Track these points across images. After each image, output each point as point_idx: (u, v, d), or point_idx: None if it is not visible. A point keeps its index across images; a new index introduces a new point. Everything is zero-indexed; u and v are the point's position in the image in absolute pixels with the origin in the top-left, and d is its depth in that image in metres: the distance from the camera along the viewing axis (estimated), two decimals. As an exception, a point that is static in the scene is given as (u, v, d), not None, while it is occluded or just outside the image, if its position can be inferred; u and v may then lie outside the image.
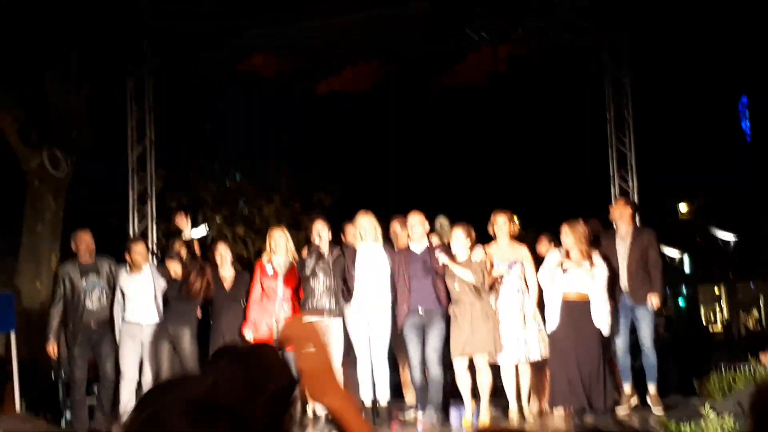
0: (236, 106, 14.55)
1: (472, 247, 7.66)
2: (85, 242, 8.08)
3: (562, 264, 7.50)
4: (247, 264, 11.86)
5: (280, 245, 7.94)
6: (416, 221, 7.87)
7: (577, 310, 7.41)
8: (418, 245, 7.85)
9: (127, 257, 8.05)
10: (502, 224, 7.85)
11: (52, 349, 7.95)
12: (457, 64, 10.99)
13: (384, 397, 7.79)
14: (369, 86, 11.13)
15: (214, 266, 8.08)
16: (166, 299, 7.98)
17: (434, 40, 11.08)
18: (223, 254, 8.19)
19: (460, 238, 7.63)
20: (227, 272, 8.15)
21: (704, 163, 17.64)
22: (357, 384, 7.70)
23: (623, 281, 8.02)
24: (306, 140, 16.54)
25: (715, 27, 15.70)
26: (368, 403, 7.72)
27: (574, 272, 7.47)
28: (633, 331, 8.16)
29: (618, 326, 7.92)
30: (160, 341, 7.84)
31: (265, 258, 8.05)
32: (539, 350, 7.67)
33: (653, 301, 7.94)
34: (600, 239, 8.14)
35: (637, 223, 8.92)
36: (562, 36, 11.15)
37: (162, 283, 7.97)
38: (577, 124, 17.25)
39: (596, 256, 7.61)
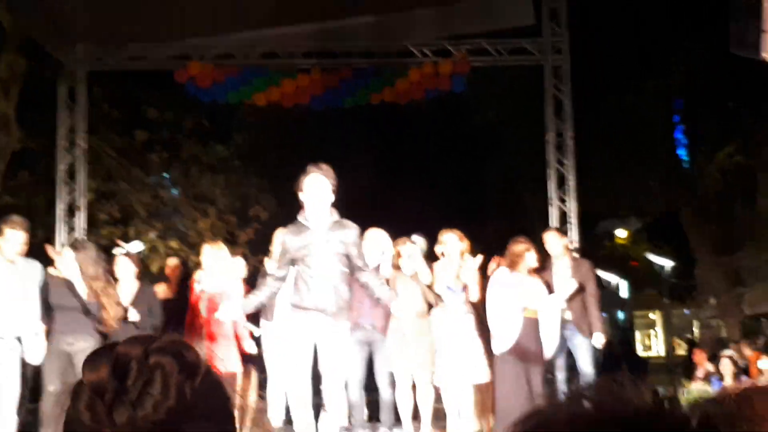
0: (172, 115, 14.21)
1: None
2: None
3: (516, 278, 7.17)
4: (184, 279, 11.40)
5: (209, 262, 7.37)
6: (371, 236, 7.48)
7: (529, 328, 7.06)
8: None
9: None
10: (452, 243, 7.63)
11: None
12: (398, 79, 10.84)
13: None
14: (308, 99, 10.93)
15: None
16: None
17: (376, 55, 10.97)
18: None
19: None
20: (125, 290, 7.21)
21: (642, 188, 17.79)
22: None
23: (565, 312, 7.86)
24: (242, 153, 16.28)
25: (660, 55, 15.91)
26: None
27: (532, 287, 7.16)
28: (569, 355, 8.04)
29: (559, 353, 7.75)
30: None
31: (196, 276, 7.55)
32: (486, 372, 7.40)
33: (598, 338, 7.79)
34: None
35: (575, 253, 8.83)
36: (504, 56, 11.12)
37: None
38: (518, 145, 17.31)
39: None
